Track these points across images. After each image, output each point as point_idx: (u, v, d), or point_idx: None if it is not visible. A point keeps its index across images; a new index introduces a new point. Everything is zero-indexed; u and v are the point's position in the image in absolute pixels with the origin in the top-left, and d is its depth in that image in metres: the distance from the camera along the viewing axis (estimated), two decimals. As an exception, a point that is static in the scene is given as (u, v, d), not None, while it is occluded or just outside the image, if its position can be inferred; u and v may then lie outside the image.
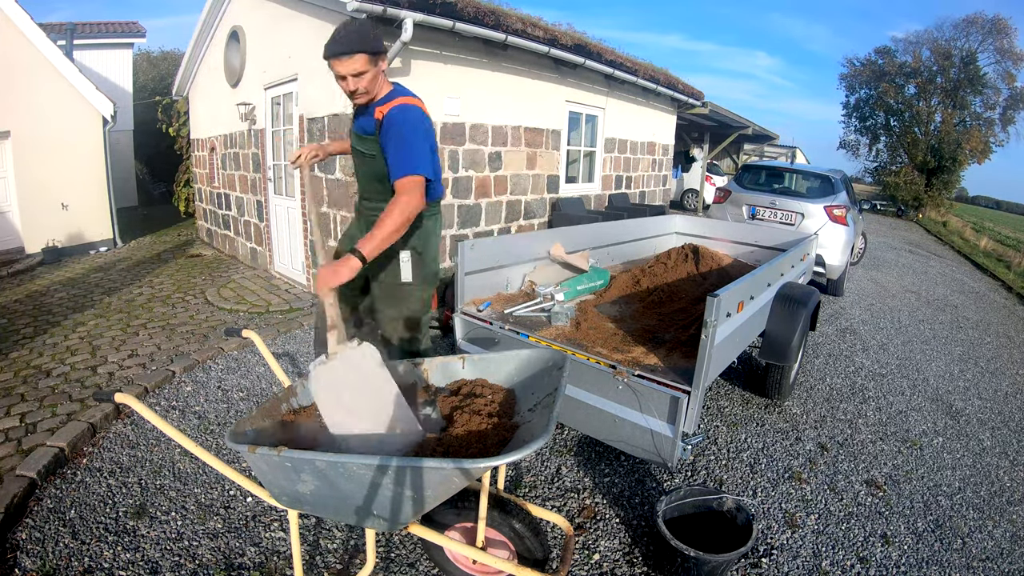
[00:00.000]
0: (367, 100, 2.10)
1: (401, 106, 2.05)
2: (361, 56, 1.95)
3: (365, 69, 1.98)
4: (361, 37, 1.95)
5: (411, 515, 1.47)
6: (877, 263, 9.78)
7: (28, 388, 3.44)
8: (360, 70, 1.97)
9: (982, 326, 6.37)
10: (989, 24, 21.30)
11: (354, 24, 2.01)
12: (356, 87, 2.01)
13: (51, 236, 7.45)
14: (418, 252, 2.22)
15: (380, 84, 2.09)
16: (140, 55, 14.80)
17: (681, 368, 2.40)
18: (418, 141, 2.02)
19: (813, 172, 7.22)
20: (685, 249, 4.35)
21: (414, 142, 2.01)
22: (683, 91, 9.17)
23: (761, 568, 2.19)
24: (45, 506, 2.33)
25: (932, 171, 22.46)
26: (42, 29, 7.22)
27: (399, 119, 2.02)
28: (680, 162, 15.77)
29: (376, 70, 2.03)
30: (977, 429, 3.64)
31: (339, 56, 1.94)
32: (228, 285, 6.04)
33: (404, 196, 1.94)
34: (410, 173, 1.96)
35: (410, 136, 2.01)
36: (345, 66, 1.96)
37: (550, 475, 2.73)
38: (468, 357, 1.90)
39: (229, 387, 3.53)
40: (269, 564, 2.08)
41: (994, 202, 55.86)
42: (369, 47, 1.96)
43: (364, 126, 2.15)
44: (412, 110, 2.06)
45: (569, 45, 6.15)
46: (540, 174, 6.91)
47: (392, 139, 2.02)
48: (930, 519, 2.61)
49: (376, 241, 1.88)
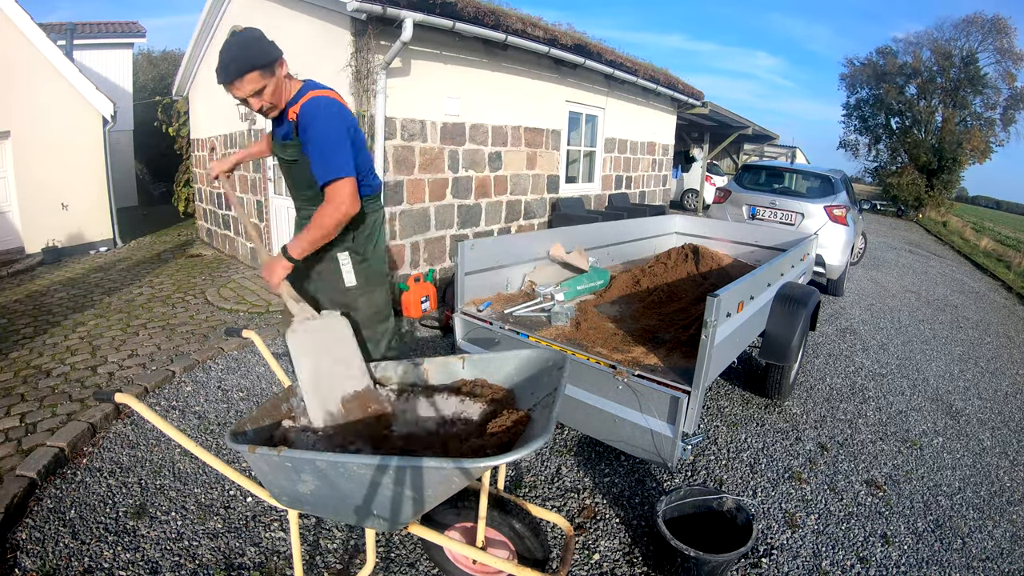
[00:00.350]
0: (279, 111, 1.97)
1: (312, 100, 1.91)
2: (252, 75, 1.81)
3: (262, 84, 1.84)
4: (246, 54, 1.80)
5: (411, 515, 1.47)
6: (877, 263, 9.78)
7: (28, 388, 3.44)
8: (257, 88, 1.84)
9: (982, 326, 6.37)
10: (989, 24, 21.32)
11: (235, 40, 1.84)
12: (261, 105, 1.90)
13: (51, 236, 7.45)
14: (358, 253, 2.11)
15: (288, 88, 1.96)
16: (140, 55, 14.81)
17: (681, 368, 2.40)
18: (336, 137, 1.88)
19: (813, 172, 7.22)
20: (685, 249, 4.35)
21: (331, 139, 1.87)
22: (683, 91, 9.17)
23: (761, 568, 2.19)
24: (45, 506, 2.33)
25: (932, 171, 22.46)
26: (42, 29, 7.21)
27: (311, 114, 1.88)
28: (680, 162, 15.77)
29: (275, 79, 1.88)
30: (977, 429, 3.64)
31: (231, 82, 1.81)
32: (228, 285, 6.04)
33: (332, 203, 1.85)
34: (335, 178, 1.84)
35: (326, 133, 1.87)
36: (241, 90, 1.83)
37: (550, 475, 2.73)
38: (468, 357, 1.90)
39: (229, 387, 3.53)
40: (269, 564, 2.08)
41: (994, 202, 55.84)
42: (258, 62, 1.81)
43: (283, 133, 2.03)
44: (324, 102, 1.91)
45: (569, 45, 6.15)
46: (540, 174, 6.90)
47: (310, 139, 1.88)
48: (930, 519, 2.61)
49: (304, 243, 1.86)
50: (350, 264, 2.09)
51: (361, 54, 4.61)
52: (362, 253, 2.12)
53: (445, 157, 5.55)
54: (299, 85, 2.00)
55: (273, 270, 1.88)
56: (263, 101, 1.89)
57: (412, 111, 5.12)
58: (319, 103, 1.90)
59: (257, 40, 1.86)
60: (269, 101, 1.90)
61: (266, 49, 1.86)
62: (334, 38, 4.74)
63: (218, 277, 6.45)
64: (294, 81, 2.00)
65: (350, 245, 2.09)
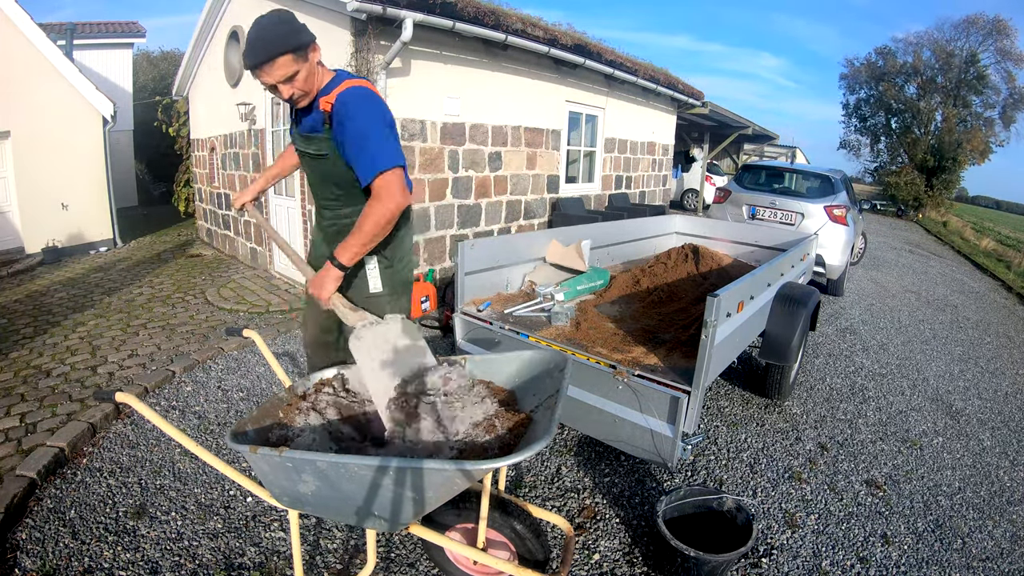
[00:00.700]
0: (310, 100, 1.81)
1: (350, 89, 1.76)
2: (285, 58, 1.66)
3: (295, 69, 1.69)
4: (278, 35, 1.66)
5: (412, 516, 1.47)
6: (877, 263, 9.79)
7: (28, 388, 3.44)
8: (289, 73, 1.69)
9: (982, 326, 6.37)
10: (989, 24, 21.33)
11: (265, 21, 1.70)
12: (292, 92, 1.74)
13: (51, 236, 7.45)
14: (387, 258, 1.97)
15: (320, 76, 1.80)
16: (140, 55, 14.81)
17: (681, 368, 2.40)
18: (380, 128, 1.74)
19: (813, 172, 7.22)
20: (685, 249, 4.35)
21: (376, 130, 1.72)
22: (683, 91, 9.17)
23: (761, 568, 2.19)
24: (45, 506, 2.33)
25: (932, 171, 22.47)
26: (42, 29, 7.22)
27: (352, 105, 1.73)
28: (680, 162, 15.77)
29: (308, 65, 1.73)
30: (977, 429, 3.64)
31: (260, 66, 1.66)
32: (228, 285, 6.04)
33: (382, 198, 1.70)
34: (385, 168, 1.69)
35: (370, 124, 1.72)
36: (271, 75, 1.68)
37: (550, 475, 2.73)
38: (470, 358, 1.89)
39: (229, 387, 3.53)
40: (269, 564, 2.08)
41: (994, 202, 55.88)
42: (291, 44, 1.66)
43: (311, 124, 1.85)
44: (364, 93, 1.77)
45: (569, 45, 6.16)
46: (540, 174, 6.91)
47: (349, 132, 1.72)
48: (930, 519, 2.61)
49: (355, 247, 1.74)
50: (377, 270, 1.96)
51: (361, 54, 4.61)
52: (390, 258, 1.99)
53: (445, 157, 5.55)
54: (331, 74, 1.85)
55: (323, 283, 1.76)
56: (294, 88, 1.73)
57: (412, 111, 5.12)
58: (359, 93, 1.76)
59: (289, 22, 1.71)
60: (302, 88, 1.75)
61: (299, 31, 1.71)
62: (334, 38, 4.75)
63: (218, 277, 6.45)
64: (325, 70, 1.85)
65: (379, 249, 1.95)
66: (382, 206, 1.70)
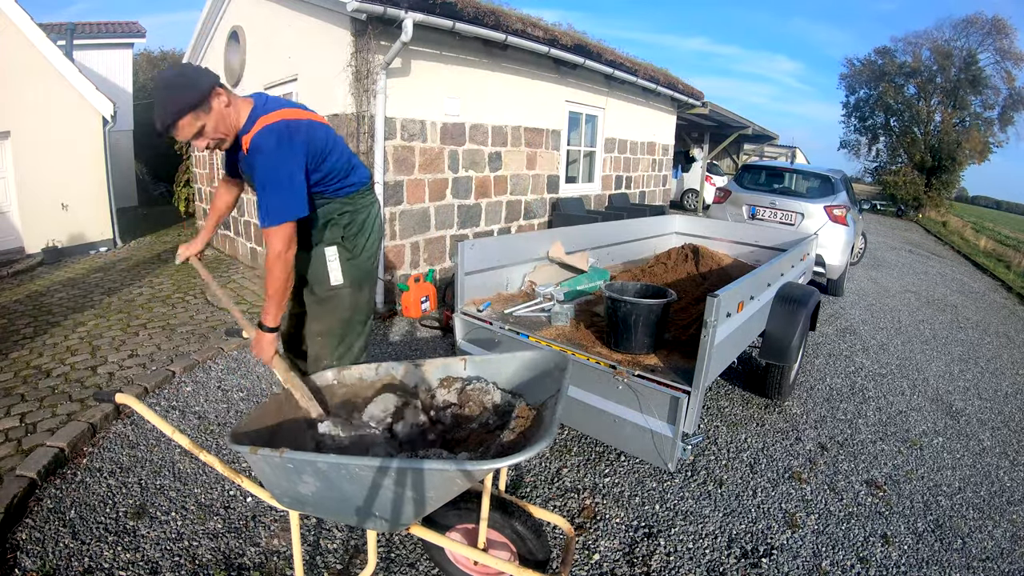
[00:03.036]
0: (233, 139, 1.85)
1: (260, 132, 1.77)
2: (185, 119, 1.70)
3: (200, 124, 1.73)
4: (172, 98, 1.68)
5: (412, 516, 1.47)
6: (877, 263, 9.79)
7: (28, 388, 3.44)
8: (195, 130, 1.74)
9: (982, 326, 6.37)
10: (989, 24, 21.33)
11: (162, 80, 1.74)
12: (207, 143, 1.80)
13: (51, 236, 7.44)
14: (348, 249, 2.00)
15: (235, 113, 1.82)
16: (140, 55, 14.80)
17: (681, 368, 2.40)
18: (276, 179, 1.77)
19: (813, 172, 7.22)
20: (685, 249, 4.35)
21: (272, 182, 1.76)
22: (683, 91, 9.17)
23: (761, 568, 2.19)
24: (45, 506, 2.33)
25: (932, 171, 22.48)
26: (42, 29, 7.20)
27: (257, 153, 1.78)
28: (680, 162, 15.77)
29: (215, 113, 1.75)
30: (977, 429, 3.64)
31: (166, 131, 1.72)
32: (228, 285, 6.04)
33: (270, 251, 1.78)
34: (270, 225, 1.76)
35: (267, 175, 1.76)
36: (180, 135, 1.74)
37: (550, 475, 2.73)
38: (470, 358, 1.90)
39: (229, 387, 3.53)
40: (269, 564, 2.08)
41: (994, 202, 55.92)
42: (188, 103, 1.68)
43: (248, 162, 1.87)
44: (272, 134, 1.77)
45: (569, 45, 6.15)
46: (540, 174, 6.90)
47: (256, 180, 1.79)
48: (930, 519, 2.61)
49: (272, 307, 1.82)
50: (337, 261, 2.01)
51: (361, 54, 4.61)
52: (351, 249, 2.03)
53: (445, 157, 5.55)
54: (247, 106, 1.84)
55: (261, 347, 1.84)
56: (207, 139, 1.79)
57: (412, 111, 5.12)
58: (267, 137, 1.77)
59: (180, 76, 1.73)
60: (214, 137, 1.80)
61: (195, 83, 1.71)
62: (334, 38, 4.74)
63: (218, 277, 6.44)
64: (242, 102, 1.85)
65: (338, 240, 2.00)
66: (271, 259, 1.79)
